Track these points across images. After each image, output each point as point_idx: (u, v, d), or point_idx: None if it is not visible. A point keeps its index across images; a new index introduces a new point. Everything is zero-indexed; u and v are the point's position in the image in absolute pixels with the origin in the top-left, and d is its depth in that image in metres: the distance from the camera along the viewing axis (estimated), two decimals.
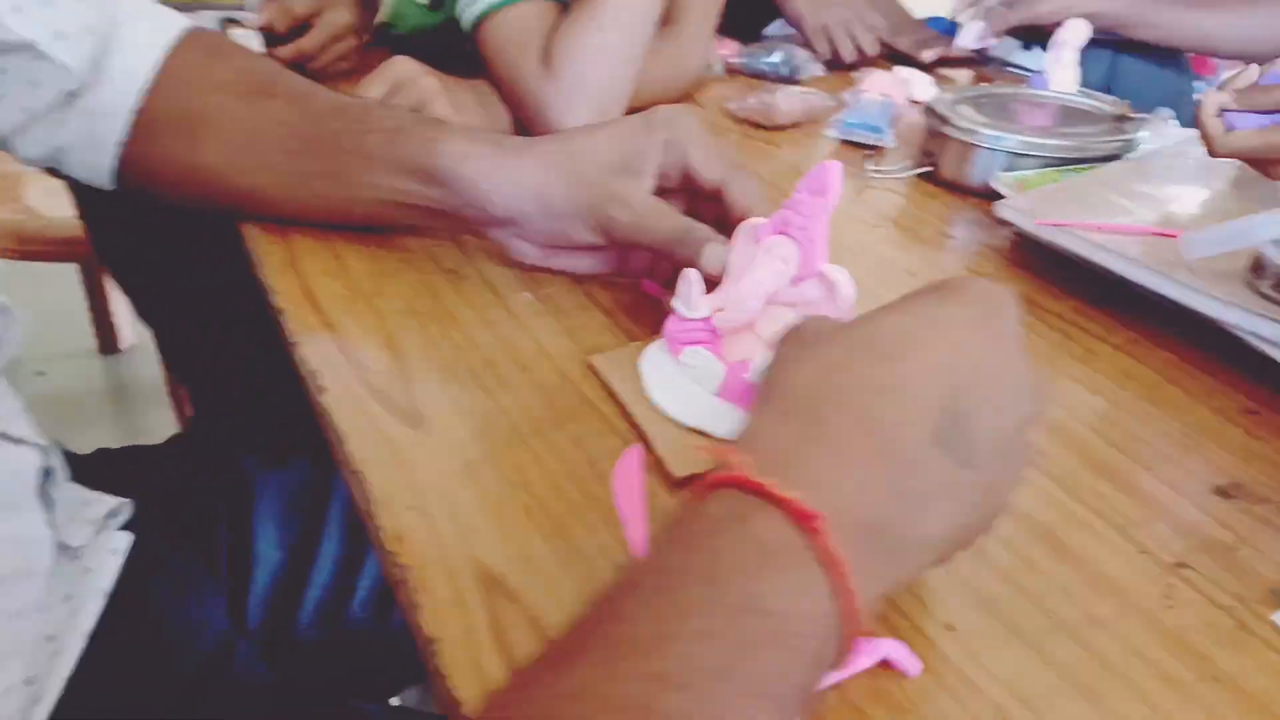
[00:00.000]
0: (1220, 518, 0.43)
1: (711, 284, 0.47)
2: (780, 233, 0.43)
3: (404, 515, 0.39)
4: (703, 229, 0.49)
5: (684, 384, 0.46)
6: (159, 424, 1.68)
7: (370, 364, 0.48)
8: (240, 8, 1.11)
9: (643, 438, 0.44)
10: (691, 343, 0.46)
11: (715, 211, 0.52)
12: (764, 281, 0.44)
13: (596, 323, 0.54)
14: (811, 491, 0.27)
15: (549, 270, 0.56)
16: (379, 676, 0.70)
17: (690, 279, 0.46)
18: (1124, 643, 0.35)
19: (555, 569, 0.37)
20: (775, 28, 1.27)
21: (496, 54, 0.78)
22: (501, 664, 0.33)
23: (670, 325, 0.47)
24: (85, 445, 0.65)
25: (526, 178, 0.51)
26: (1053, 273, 0.64)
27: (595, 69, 0.74)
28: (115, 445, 0.69)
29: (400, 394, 0.46)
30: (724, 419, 0.44)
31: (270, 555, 0.64)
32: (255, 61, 0.61)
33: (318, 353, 0.49)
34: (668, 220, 0.50)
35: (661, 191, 0.53)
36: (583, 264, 0.56)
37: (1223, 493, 0.44)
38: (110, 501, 0.52)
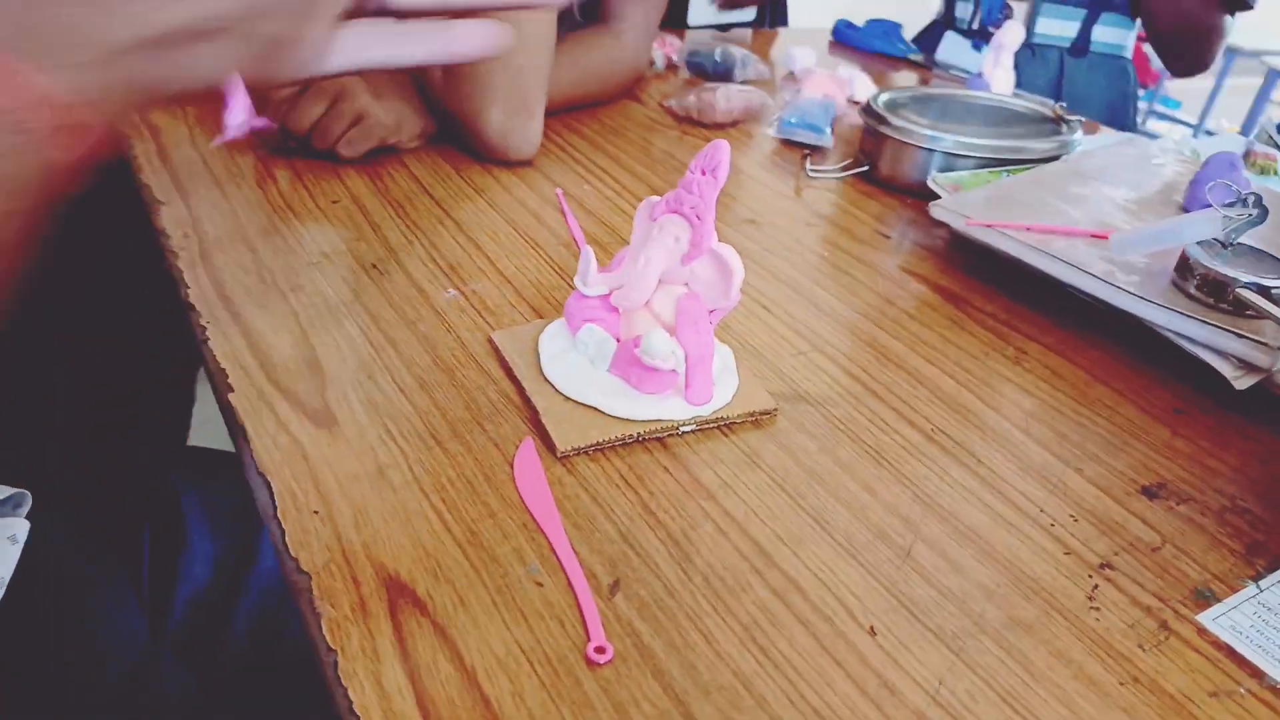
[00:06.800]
0: (1145, 517, 0.42)
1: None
2: (673, 211, 0.43)
3: (308, 520, 0.37)
4: None
5: (576, 360, 0.46)
6: None
7: (281, 362, 0.46)
8: None
9: (535, 415, 0.44)
10: (589, 320, 0.46)
11: None
12: (656, 260, 0.44)
13: (523, 320, 0.52)
14: None
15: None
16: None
17: (587, 256, 0.46)
18: (1048, 645, 0.35)
19: (466, 577, 0.35)
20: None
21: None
22: (405, 677, 0.31)
23: (570, 303, 0.47)
24: None
25: None
26: (986, 273, 0.64)
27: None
28: None
29: (311, 394, 0.44)
30: (611, 394, 0.44)
31: (197, 571, 0.61)
32: None
33: (227, 349, 0.46)
34: None
35: None
36: None
37: (1148, 492, 0.44)
38: (4, 490, 0.49)
